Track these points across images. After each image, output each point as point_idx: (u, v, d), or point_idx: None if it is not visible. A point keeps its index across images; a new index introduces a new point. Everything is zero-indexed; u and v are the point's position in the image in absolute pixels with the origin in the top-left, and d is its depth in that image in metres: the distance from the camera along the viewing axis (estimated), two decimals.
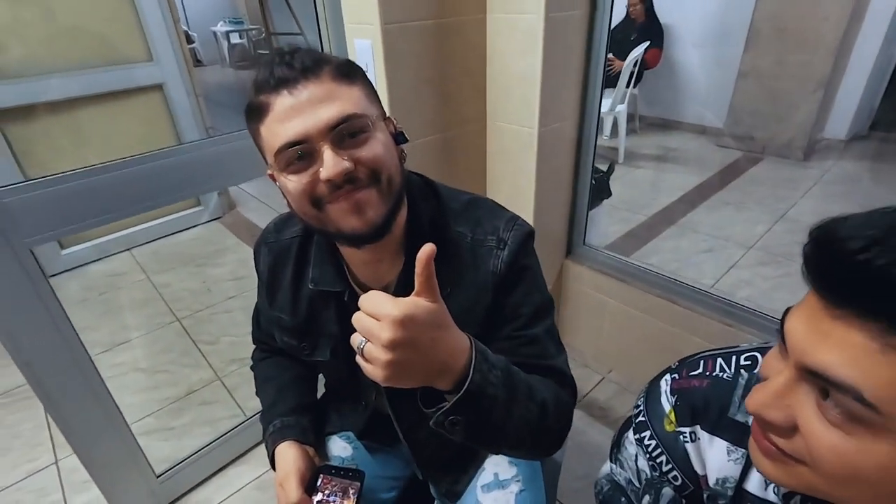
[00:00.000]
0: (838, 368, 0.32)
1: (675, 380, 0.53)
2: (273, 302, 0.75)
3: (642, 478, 0.55)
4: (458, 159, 1.45)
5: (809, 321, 0.34)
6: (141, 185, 1.05)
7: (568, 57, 1.34)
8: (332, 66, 0.56)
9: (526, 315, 0.65)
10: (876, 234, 0.31)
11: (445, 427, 0.48)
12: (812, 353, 0.33)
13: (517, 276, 0.66)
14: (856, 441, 0.32)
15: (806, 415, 0.35)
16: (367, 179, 0.56)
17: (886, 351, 0.30)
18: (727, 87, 3.76)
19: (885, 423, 0.31)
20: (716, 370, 0.51)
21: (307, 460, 0.73)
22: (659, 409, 0.53)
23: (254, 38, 7.97)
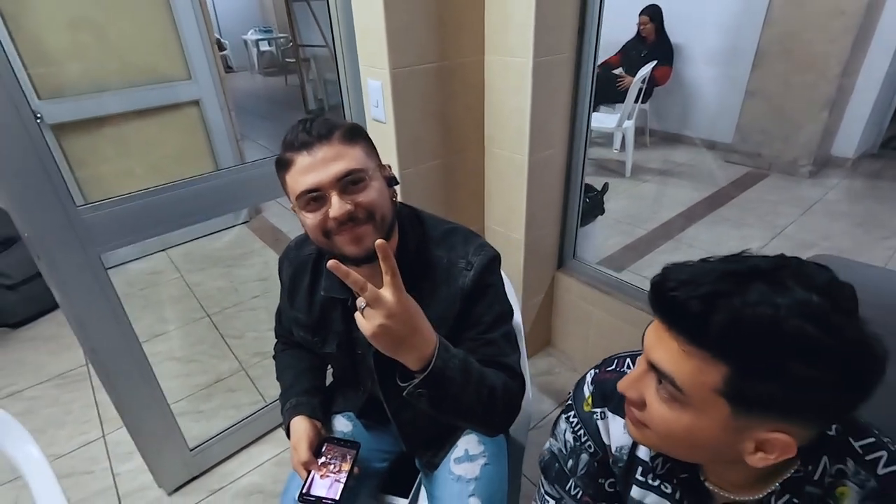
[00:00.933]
0: (664, 364, 0.49)
1: (596, 374, 0.70)
2: (293, 304, 0.94)
3: (568, 447, 0.72)
4: (460, 181, 1.63)
5: (655, 331, 0.51)
6: (188, 203, 1.26)
7: (556, 93, 1.51)
8: (341, 131, 0.75)
9: (486, 322, 0.83)
10: (685, 278, 0.48)
11: (414, 397, 0.66)
12: (652, 352, 0.51)
13: (481, 291, 0.84)
14: (673, 412, 0.50)
15: (649, 394, 0.52)
16: (364, 218, 0.75)
17: (685, 354, 0.47)
18: (736, 104, 3.85)
19: (688, 401, 0.48)
20: (623, 367, 0.68)
21: (316, 431, 0.92)
22: (581, 394, 0.70)
23: (282, 47, 8.30)
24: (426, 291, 0.83)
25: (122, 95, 2.54)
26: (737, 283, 0.45)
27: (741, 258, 0.50)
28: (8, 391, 1.94)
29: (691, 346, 0.46)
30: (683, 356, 0.47)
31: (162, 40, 2.61)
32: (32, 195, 1.03)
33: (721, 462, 0.56)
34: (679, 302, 0.47)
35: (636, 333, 0.71)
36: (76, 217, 1.09)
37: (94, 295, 1.16)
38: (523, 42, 1.37)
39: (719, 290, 0.45)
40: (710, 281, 0.46)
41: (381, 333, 0.62)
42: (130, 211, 1.17)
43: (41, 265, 1.08)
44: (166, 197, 1.22)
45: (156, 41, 2.60)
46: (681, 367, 0.47)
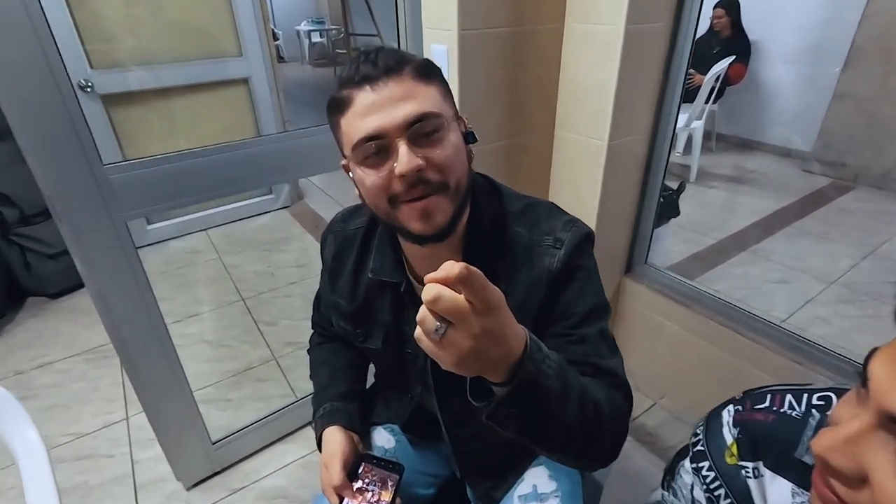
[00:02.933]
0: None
1: (738, 412, 0.51)
2: (334, 287, 0.79)
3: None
4: (522, 167, 1.45)
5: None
6: (224, 171, 1.13)
7: (646, 70, 1.30)
8: (413, 65, 0.58)
9: (578, 314, 0.64)
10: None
11: (499, 419, 0.47)
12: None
13: (571, 274, 0.65)
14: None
15: (880, 467, 0.32)
16: (436, 183, 0.58)
17: None
18: (819, 108, 3.49)
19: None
20: (784, 406, 0.49)
21: (351, 446, 0.76)
22: (720, 439, 0.51)
23: (333, 38, 8.32)
24: (502, 275, 0.66)
25: (173, 69, 2.49)
26: None
27: None
28: (40, 362, 1.89)
29: None
30: None
31: (215, 15, 2.55)
32: (57, 152, 0.92)
33: None
34: None
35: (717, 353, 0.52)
36: (103, 177, 0.97)
37: (119, 265, 1.04)
38: (615, 5, 1.17)
39: None
40: None
41: (467, 359, 0.42)
42: (162, 174, 1.05)
43: (63, 228, 0.97)
44: (202, 162, 1.09)
45: (209, 16, 2.54)
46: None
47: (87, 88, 2.25)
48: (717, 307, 1.46)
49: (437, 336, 0.41)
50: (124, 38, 2.33)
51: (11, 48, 0.82)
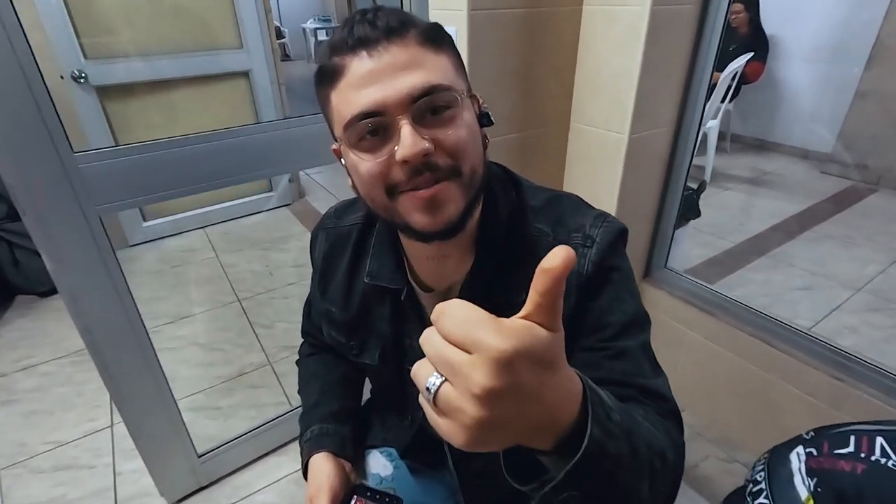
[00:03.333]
0: None
1: (813, 456, 0.41)
2: (325, 293, 0.69)
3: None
4: (535, 161, 1.34)
5: None
6: (213, 162, 1.03)
7: (672, 57, 1.20)
8: (420, 28, 0.47)
9: (616, 324, 0.54)
10: None
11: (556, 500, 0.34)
12: None
13: (605, 277, 0.55)
14: None
15: None
16: (447, 169, 0.47)
17: None
18: (840, 108, 3.36)
19: None
20: (874, 453, 0.38)
21: (342, 477, 0.65)
22: (791, 492, 0.40)
23: None
24: (523, 280, 0.55)
25: (171, 60, 2.40)
26: None
27: None
28: (24, 364, 1.80)
29: None
30: None
31: (215, 6, 2.47)
32: (20, 137, 0.82)
33: None
34: None
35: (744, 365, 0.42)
36: (72, 166, 0.87)
37: (92, 262, 0.95)
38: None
39: None
40: None
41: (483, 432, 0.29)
42: (142, 164, 0.95)
43: (27, 221, 0.87)
44: (188, 151, 0.99)
45: (209, 7, 2.45)
46: None
47: (80, 79, 2.16)
48: (744, 315, 1.35)
49: (429, 396, 0.29)
50: (120, 27, 2.25)
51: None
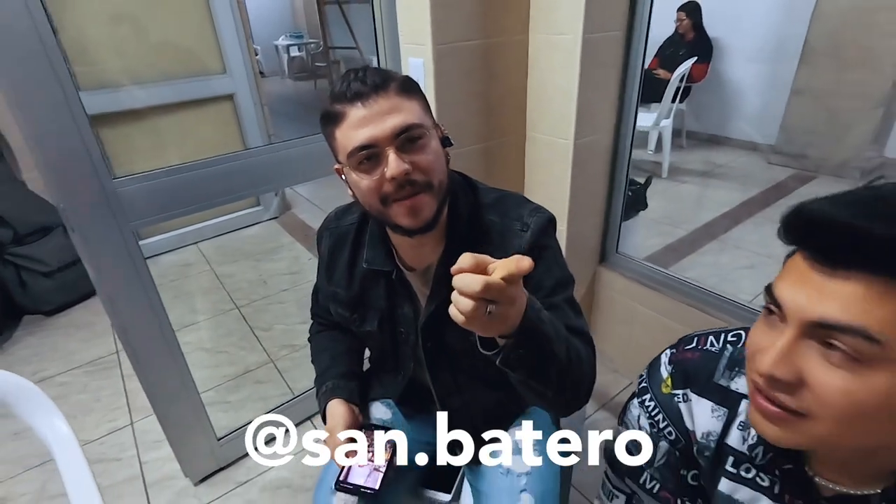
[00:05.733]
0: (843, 315, 0.37)
1: (673, 353, 0.62)
2: (331, 278, 0.89)
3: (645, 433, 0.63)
4: (498, 168, 1.56)
5: (803, 285, 0.40)
6: (221, 181, 1.22)
7: (604, 74, 1.43)
8: (397, 82, 0.68)
9: (548, 287, 0.75)
10: (866, 209, 0.38)
11: (511, 362, 0.56)
12: (814, 308, 0.39)
13: (538, 253, 0.75)
14: (859, 377, 0.38)
15: (811, 366, 0.40)
16: (422, 184, 0.68)
17: (887, 294, 0.36)
18: (780, 103, 3.69)
19: (887, 354, 0.37)
20: (707, 345, 0.60)
21: (353, 416, 0.85)
22: (658, 376, 0.62)
23: (312, 52, 8.43)
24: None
25: (159, 88, 2.56)
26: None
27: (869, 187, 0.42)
28: (40, 376, 1.94)
29: (879, 278, 0.37)
30: (873, 297, 0.37)
31: (199, 34, 2.64)
32: (69, 167, 1.00)
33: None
34: (877, 237, 0.36)
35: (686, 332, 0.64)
36: (111, 190, 1.05)
37: (127, 270, 1.13)
38: (572, 18, 1.29)
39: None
40: (881, 205, 0.38)
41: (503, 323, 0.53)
42: (164, 186, 1.14)
43: (75, 238, 1.05)
44: (200, 174, 1.18)
45: (193, 35, 2.62)
46: (875, 312, 0.37)
47: None
48: (687, 291, 1.58)
49: (488, 316, 0.50)
50: (110, 59, 2.41)
51: (25, 69, 0.91)
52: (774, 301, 0.43)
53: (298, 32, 8.58)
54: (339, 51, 7.12)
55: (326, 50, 7.17)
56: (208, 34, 2.67)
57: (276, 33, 8.51)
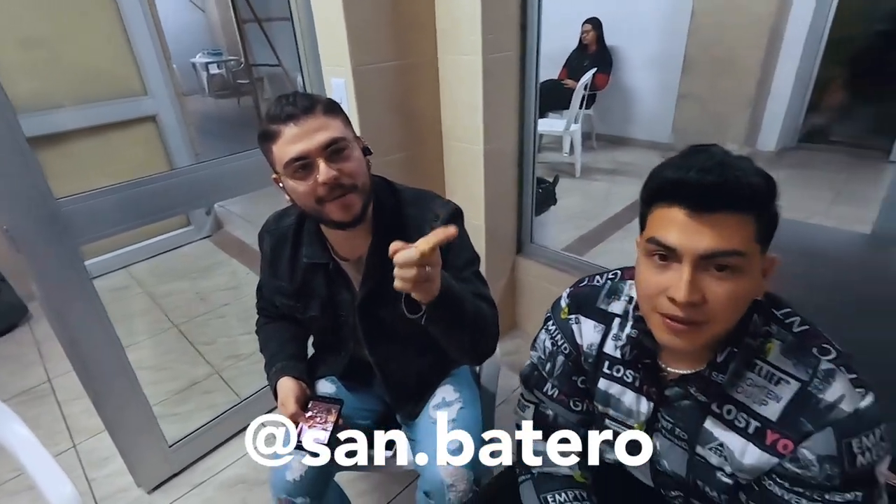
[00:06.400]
0: (722, 244, 0.54)
1: (570, 290, 0.82)
2: (275, 273, 1.02)
3: (546, 353, 0.82)
4: (422, 172, 1.74)
5: (687, 230, 0.55)
6: (160, 198, 1.31)
7: (504, 88, 1.65)
8: (322, 104, 0.84)
9: (459, 266, 0.93)
10: (710, 177, 0.54)
11: (435, 320, 0.75)
12: (699, 243, 0.55)
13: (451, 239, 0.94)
14: (736, 282, 0.56)
15: (707, 284, 0.56)
16: (349, 185, 0.84)
17: (733, 224, 0.54)
18: (670, 107, 4.19)
19: (748, 261, 0.55)
20: (593, 281, 0.80)
21: (301, 390, 0.99)
22: (559, 307, 0.81)
23: (232, 69, 8.28)
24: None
25: (77, 112, 2.53)
26: (725, 163, 0.55)
27: (698, 148, 0.60)
28: None
29: (732, 214, 0.54)
30: (732, 227, 0.54)
31: (116, 57, 2.63)
32: (13, 190, 1.06)
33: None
34: (725, 184, 0.54)
35: None
36: (55, 210, 1.12)
37: (73, 285, 1.19)
38: (472, 41, 1.51)
39: (727, 163, 0.55)
40: (720, 164, 0.55)
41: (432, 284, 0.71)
42: (104, 205, 1.21)
43: (22, 258, 1.10)
44: (140, 191, 1.26)
45: (110, 58, 2.61)
46: (734, 238, 0.54)
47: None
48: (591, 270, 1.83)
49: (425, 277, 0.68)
50: (23, 83, 2.35)
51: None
52: (667, 247, 0.57)
53: (217, 50, 8.39)
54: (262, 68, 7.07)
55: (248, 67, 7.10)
56: (126, 56, 2.67)
57: (191, 50, 8.27)
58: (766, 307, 0.65)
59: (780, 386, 0.61)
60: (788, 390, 0.61)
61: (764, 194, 0.56)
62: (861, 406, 0.57)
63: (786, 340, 0.63)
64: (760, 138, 4.08)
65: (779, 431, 0.61)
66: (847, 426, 0.57)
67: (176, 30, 8.31)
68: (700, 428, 0.68)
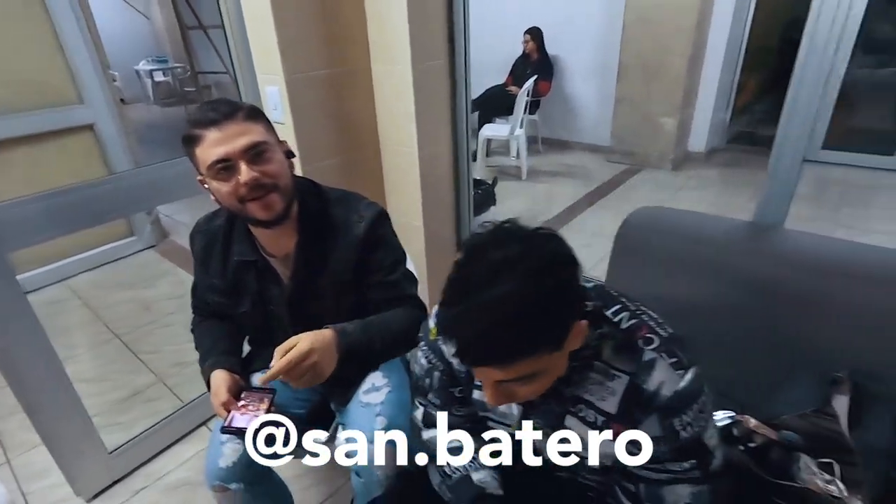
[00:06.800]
0: (514, 375, 0.60)
1: (437, 310, 0.85)
2: (207, 271, 1.07)
3: (423, 370, 0.89)
4: (359, 175, 1.81)
5: (478, 372, 0.65)
6: (96, 204, 1.33)
7: (435, 95, 1.75)
8: (244, 111, 0.90)
9: (387, 266, 1.02)
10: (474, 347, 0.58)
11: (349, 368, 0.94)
12: (493, 377, 0.61)
13: (375, 240, 1.01)
14: (537, 383, 0.63)
15: (514, 389, 0.63)
16: (270, 186, 0.90)
17: (522, 362, 0.58)
18: (609, 111, 4.42)
19: (543, 369, 0.61)
20: None
21: (233, 380, 1.03)
22: (427, 327, 0.88)
23: (179, 76, 8.08)
24: (329, 245, 1.00)
25: (7, 121, 2.45)
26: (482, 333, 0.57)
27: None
28: None
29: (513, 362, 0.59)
30: (522, 365, 0.59)
31: (49, 65, 2.56)
32: None
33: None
34: (485, 358, 0.60)
35: None
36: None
37: (3, 293, 1.19)
38: (401, 50, 1.59)
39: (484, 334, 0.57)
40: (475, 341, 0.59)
41: (323, 372, 0.90)
42: (35, 211, 1.22)
43: None
44: (72, 197, 1.28)
45: (42, 66, 2.55)
46: (520, 371, 0.60)
47: None
48: None
49: (310, 376, 0.89)
50: None
51: None
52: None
53: (162, 57, 8.16)
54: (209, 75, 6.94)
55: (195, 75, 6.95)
56: (58, 64, 2.60)
57: (135, 58, 8.01)
58: (597, 312, 0.69)
59: (614, 381, 0.69)
60: (621, 384, 0.68)
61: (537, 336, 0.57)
62: (679, 387, 0.65)
63: (616, 338, 0.69)
64: (691, 140, 4.37)
65: (619, 422, 0.70)
66: (668, 409, 0.66)
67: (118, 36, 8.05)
68: (562, 425, 0.75)
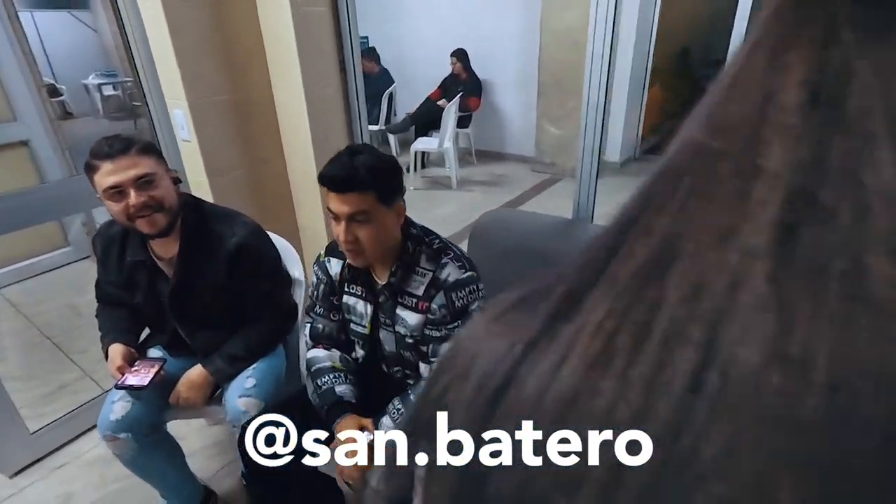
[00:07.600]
0: (354, 208, 0.98)
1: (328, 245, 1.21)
2: (106, 269, 1.30)
3: (314, 283, 1.21)
4: (269, 185, 2.05)
5: (336, 203, 0.98)
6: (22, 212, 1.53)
7: (330, 117, 2.02)
8: (137, 147, 1.13)
9: (261, 275, 1.28)
10: (342, 171, 0.97)
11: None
12: (342, 209, 0.98)
13: (245, 253, 1.26)
14: (370, 226, 1.00)
15: (355, 229, 1.00)
16: (155, 207, 1.14)
17: (357, 198, 0.97)
18: (532, 125, 4.80)
19: (375, 216, 0.99)
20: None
21: (128, 351, 1.27)
22: (319, 254, 1.20)
23: (129, 91, 8.08)
24: (204, 256, 1.25)
25: None
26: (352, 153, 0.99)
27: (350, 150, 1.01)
28: None
29: (359, 193, 0.97)
30: (358, 199, 0.97)
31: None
32: None
33: (387, 250, 1.06)
34: (349, 178, 0.96)
35: None
36: None
37: None
38: (294, 80, 1.86)
39: (350, 164, 0.97)
40: (352, 162, 0.97)
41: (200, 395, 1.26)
42: None
43: None
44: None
45: None
46: (360, 204, 0.97)
47: None
48: None
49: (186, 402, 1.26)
50: None
51: None
52: (333, 213, 1.01)
53: (112, 70, 8.16)
54: None
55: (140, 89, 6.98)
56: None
57: (83, 71, 8.00)
58: (419, 237, 1.11)
59: (424, 277, 1.08)
60: (427, 277, 1.08)
61: (374, 179, 0.98)
62: (460, 277, 1.05)
63: (428, 253, 1.10)
64: (606, 152, 4.79)
65: (424, 300, 1.06)
66: (450, 288, 1.05)
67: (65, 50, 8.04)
68: (395, 314, 1.10)
